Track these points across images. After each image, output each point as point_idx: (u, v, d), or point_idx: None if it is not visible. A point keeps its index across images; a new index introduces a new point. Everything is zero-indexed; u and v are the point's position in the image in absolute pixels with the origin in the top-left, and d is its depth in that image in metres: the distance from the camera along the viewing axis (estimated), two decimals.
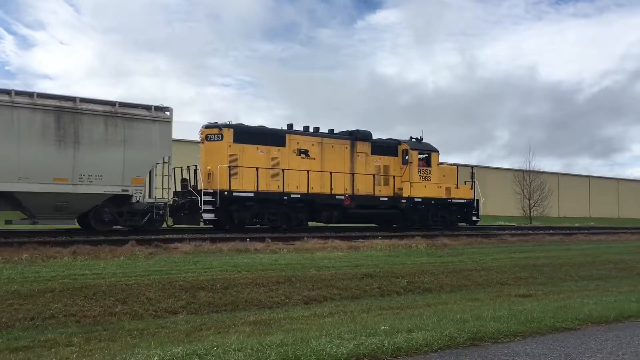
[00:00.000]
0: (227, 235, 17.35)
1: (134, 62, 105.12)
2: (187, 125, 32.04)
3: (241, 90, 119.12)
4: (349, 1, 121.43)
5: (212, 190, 18.96)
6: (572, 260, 15.85)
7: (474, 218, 25.42)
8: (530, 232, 25.88)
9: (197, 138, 21.21)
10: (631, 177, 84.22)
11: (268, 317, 8.47)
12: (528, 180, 45.73)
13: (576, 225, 38.41)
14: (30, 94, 15.52)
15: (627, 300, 8.85)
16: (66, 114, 15.81)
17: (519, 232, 25.37)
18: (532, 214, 44.87)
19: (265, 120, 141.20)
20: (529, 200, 45.09)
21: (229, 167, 19.47)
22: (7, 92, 15.28)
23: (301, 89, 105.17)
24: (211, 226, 20.31)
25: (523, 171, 47.43)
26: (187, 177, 20.20)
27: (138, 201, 17.02)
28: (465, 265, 13.82)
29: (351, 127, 23.61)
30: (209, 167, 19.64)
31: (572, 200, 67.88)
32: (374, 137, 23.73)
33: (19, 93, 15.38)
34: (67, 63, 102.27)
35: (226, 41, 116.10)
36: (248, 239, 16.20)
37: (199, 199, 18.67)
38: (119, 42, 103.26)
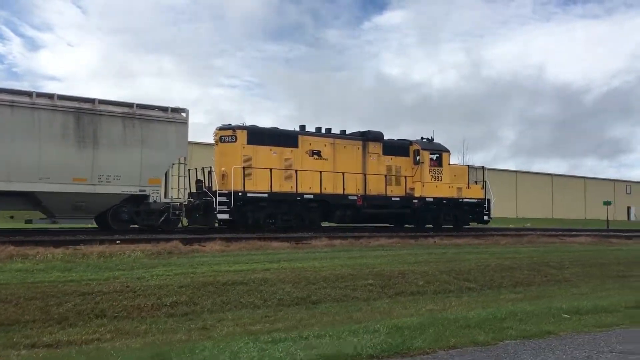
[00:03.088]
0: None
1: (140, 63, 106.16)
2: (190, 126, 32.25)
3: (247, 91, 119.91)
4: (355, 2, 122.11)
5: (226, 191, 19.18)
6: (335, 272, 11.63)
7: (486, 217, 25.54)
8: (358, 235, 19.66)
9: (200, 139, 21.43)
10: (597, 176, 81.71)
11: None
12: None
13: (510, 226, 34.60)
14: (50, 96, 15.83)
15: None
16: (85, 115, 16.11)
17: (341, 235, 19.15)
18: None
19: (270, 121, 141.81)
20: None
21: (243, 168, 19.69)
22: (28, 93, 15.62)
23: (307, 89, 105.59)
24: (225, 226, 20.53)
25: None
26: (202, 179, 20.46)
27: (155, 201, 17.28)
28: (99, 287, 9.54)
29: (357, 128, 23.88)
30: (223, 169, 19.88)
31: (532, 200, 63.95)
32: (384, 137, 23.93)
33: (39, 95, 15.72)
34: (74, 64, 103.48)
35: (233, 42, 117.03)
36: None
37: (213, 199, 18.90)
38: (125, 43, 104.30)
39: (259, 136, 20.56)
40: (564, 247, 19.75)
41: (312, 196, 20.99)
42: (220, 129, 20.66)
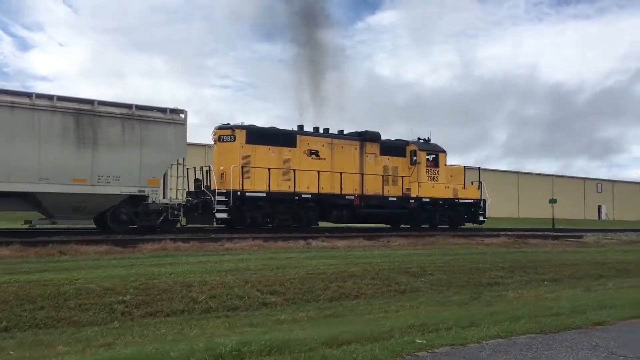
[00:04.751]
0: None
1: (131, 63, 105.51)
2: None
3: (239, 91, 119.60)
4: (348, 3, 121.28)
5: (225, 190, 19.32)
6: (88, 286, 9.15)
7: (481, 218, 25.77)
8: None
9: (190, 139, 21.03)
10: (569, 175, 79.06)
11: None
12: None
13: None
14: (50, 97, 15.87)
15: None
16: (85, 116, 16.17)
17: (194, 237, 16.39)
18: None
19: (262, 121, 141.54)
20: None
21: (242, 167, 19.82)
22: (28, 95, 15.68)
23: (301, 89, 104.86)
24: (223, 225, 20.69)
25: None
26: (201, 178, 20.58)
27: (154, 202, 17.40)
28: None
29: (350, 128, 24.03)
30: (221, 168, 20.00)
31: (497, 199, 59.27)
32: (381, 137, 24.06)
33: (39, 96, 15.75)
34: (65, 64, 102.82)
35: (225, 42, 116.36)
36: None
37: (212, 198, 19.04)
38: (117, 42, 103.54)
39: (257, 136, 20.67)
40: (457, 250, 16.79)
41: (309, 196, 21.15)
42: (219, 128, 20.75)
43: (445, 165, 24.94)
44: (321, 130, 22.83)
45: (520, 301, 10.22)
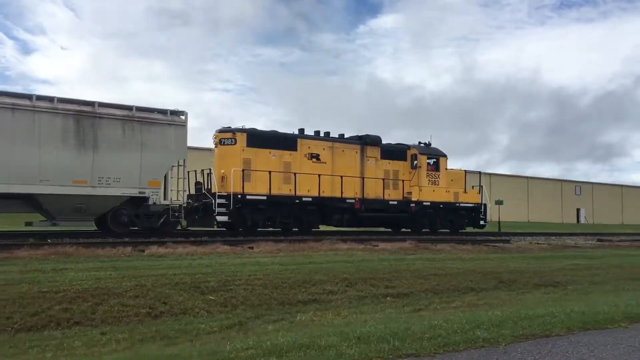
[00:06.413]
0: None
1: (132, 67, 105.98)
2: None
3: (240, 95, 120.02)
4: (349, 6, 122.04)
5: (225, 193, 19.30)
6: None
7: (482, 222, 25.71)
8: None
9: (190, 143, 20.82)
10: (545, 176, 75.67)
11: None
12: None
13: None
14: (50, 99, 15.90)
15: None
16: (85, 118, 16.20)
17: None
18: None
19: (263, 125, 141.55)
20: None
21: (242, 170, 19.81)
22: (29, 96, 15.70)
23: (302, 93, 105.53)
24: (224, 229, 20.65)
25: None
26: (201, 181, 20.57)
27: (154, 203, 17.38)
28: None
29: (351, 132, 23.99)
30: (222, 171, 19.99)
31: None
32: (382, 141, 24.06)
33: (40, 98, 15.78)
34: (67, 68, 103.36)
35: (227, 47, 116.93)
36: None
37: (213, 201, 19.02)
38: (118, 47, 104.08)
39: (258, 139, 20.68)
40: (316, 257, 13.92)
41: (310, 199, 21.12)
42: (220, 131, 20.76)
43: (446, 169, 24.93)
44: (322, 134, 22.86)
45: (271, 332, 7.69)
